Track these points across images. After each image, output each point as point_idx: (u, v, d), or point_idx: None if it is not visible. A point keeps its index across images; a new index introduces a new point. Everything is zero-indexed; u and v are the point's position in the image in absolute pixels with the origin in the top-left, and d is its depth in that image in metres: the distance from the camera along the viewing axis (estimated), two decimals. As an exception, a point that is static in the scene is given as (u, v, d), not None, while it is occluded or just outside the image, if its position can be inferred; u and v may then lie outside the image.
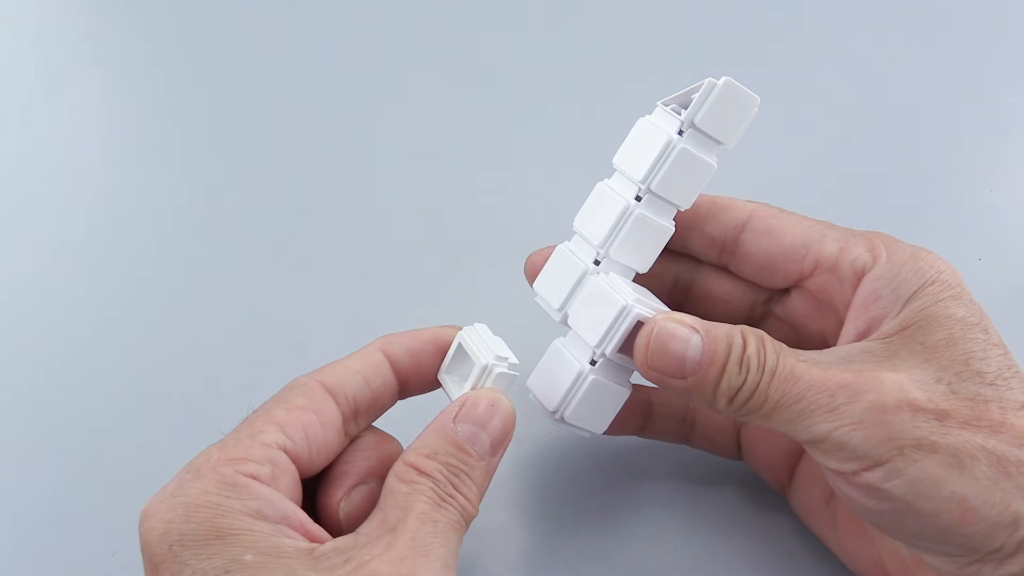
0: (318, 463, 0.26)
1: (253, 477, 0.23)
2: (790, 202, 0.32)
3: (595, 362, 0.28)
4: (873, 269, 0.27)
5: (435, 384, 0.29)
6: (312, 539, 0.23)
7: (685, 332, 0.26)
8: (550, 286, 0.29)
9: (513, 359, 0.28)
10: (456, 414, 0.26)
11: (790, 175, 0.46)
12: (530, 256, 0.31)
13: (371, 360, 0.27)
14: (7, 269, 0.41)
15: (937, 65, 0.53)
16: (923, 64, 0.53)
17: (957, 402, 0.24)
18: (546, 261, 0.30)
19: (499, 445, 0.26)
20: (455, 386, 0.28)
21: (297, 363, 0.36)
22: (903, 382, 0.24)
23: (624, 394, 0.29)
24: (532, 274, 0.31)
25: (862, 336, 0.27)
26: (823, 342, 0.30)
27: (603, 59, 0.53)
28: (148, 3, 0.58)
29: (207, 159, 0.47)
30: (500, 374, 0.27)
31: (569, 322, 0.29)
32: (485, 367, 0.27)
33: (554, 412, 0.28)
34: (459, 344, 0.28)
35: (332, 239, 0.43)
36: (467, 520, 0.25)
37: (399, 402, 0.29)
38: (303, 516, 0.24)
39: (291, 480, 0.24)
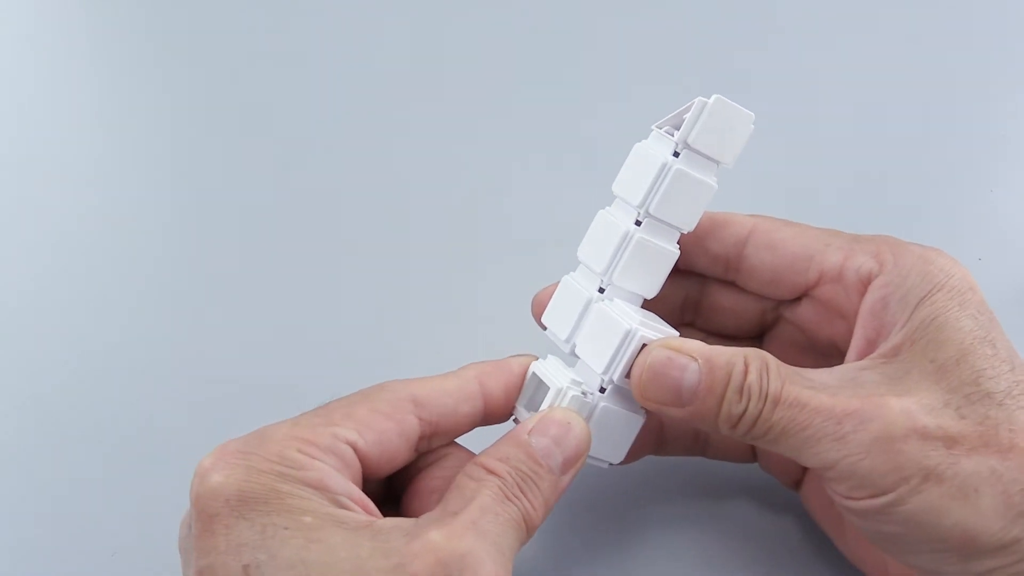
0: (382, 472, 0.26)
1: (314, 459, 0.24)
2: (791, 205, 0.32)
3: (604, 389, 0.28)
4: (880, 276, 0.27)
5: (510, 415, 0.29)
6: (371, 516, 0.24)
7: (682, 360, 0.26)
8: (557, 318, 0.29)
9: (586, 387, 0.28)
10: (531, 428, 0.26)
11: (789, 177, 0.46)
12: (536, 295, 0.31)
13: (466, 389, 0.27)
14: (7, 269, 0.41)
15: (937, 65, 0.52)
16: (923, 64, 0.52)
17: (966, 427, 0.24)
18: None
19: (570, 464, 0.26)
20: (527, 415, 0.28)
21: (296, 364, 0.37)
22: (911, 408, 0.24)
23: (638, 421, 0.28)
24: (539, 312, 0.30)
25: (872, 344, 0.27)
26: (834, 348, 0.30)
27: (607, 61, 0.53)
28: (149, 3, 0.58)
29: (208, 159, 0.47)
30: (575, 397, 0.27)
31: (577, 351, 0.28)
32: (560, 390, 0.27)
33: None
34: (533, 373, 0.29)
35: (333, 240, 0.43)
36: (529, 527, 0.25)
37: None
38: (365, 497, 0.24)
39: (354, 475, 0.24)
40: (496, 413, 0.28)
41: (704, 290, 0.32)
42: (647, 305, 0.29)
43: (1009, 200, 0.45)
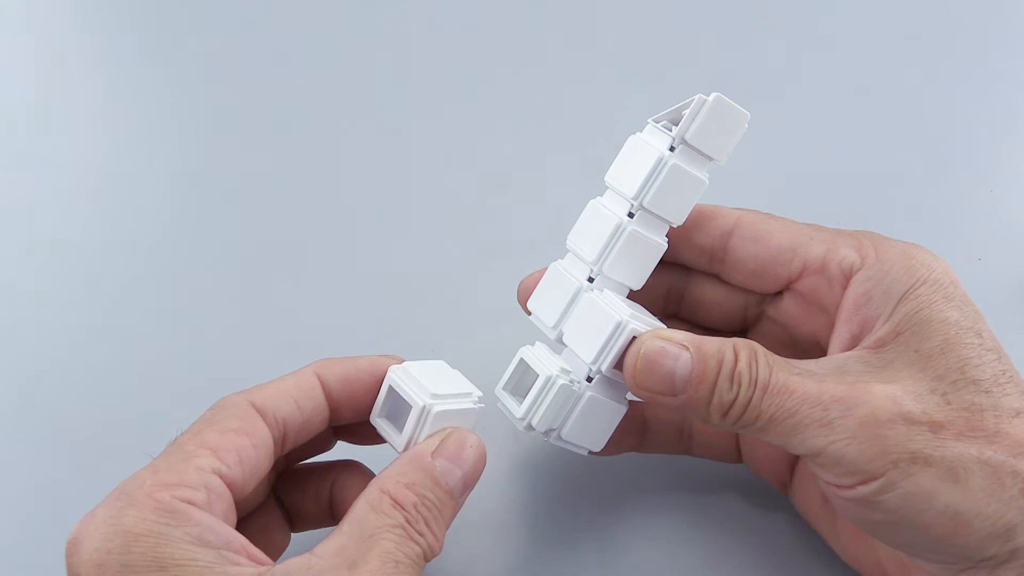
0: (250, 485, 0.25)
1: (189, 503, 0.22)
2: (789, 203, 0.32)
3: (591, 379, 0.28)
4: (862, 270, 0.28)
5: (366, 413, 0.28)
6: (259, 562, 0.23)
7: (674, 349, 0.26)
8: (544, 304, 0.30)
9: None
10: (434, 451, 0.26)
11: (790, 176, 0.46)
12: (522, 281, 0.31)
13: (304, 383, 0.27)
14: (7, 269, 0.42)
15: (937, 65, 0.53)
16: (923, 64, 0.53)
17: (952, 413, 0.24)
18: (538, 283, 0.30)
19: (470, 485, 0.26)
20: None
21: (296, 363, 0.37)
22: (897, 394, 0.24)
23: (621, 411, 0.29)
24: (525, 298, 0.31)
25: (855, 338, 0.27)
26: (815, 343, 0.30)
27: (609, 61, 0.53)
28: (150, 4, 0.59)
29: (209, 158, 0.48)
30: (563, 386, 0.27)
31: (564, 339, 0.29)
32: (549, 378, 0.27)
33: (550, 430, 0.29)
34: (521, 359, 0.29)
35: (332, 240, 0.43)
36: (429, 558, 0.24)
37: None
38: (244, 540, 0.23)
39: (226, 505, 0.24)
40: (341, 409, 0.28)
41: (688, 282, 0.32)
42: (632, 296, 0.30)
43: (1009, 200, 0.45)
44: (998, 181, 0.46)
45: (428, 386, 0.26)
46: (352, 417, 0.28)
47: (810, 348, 0.30)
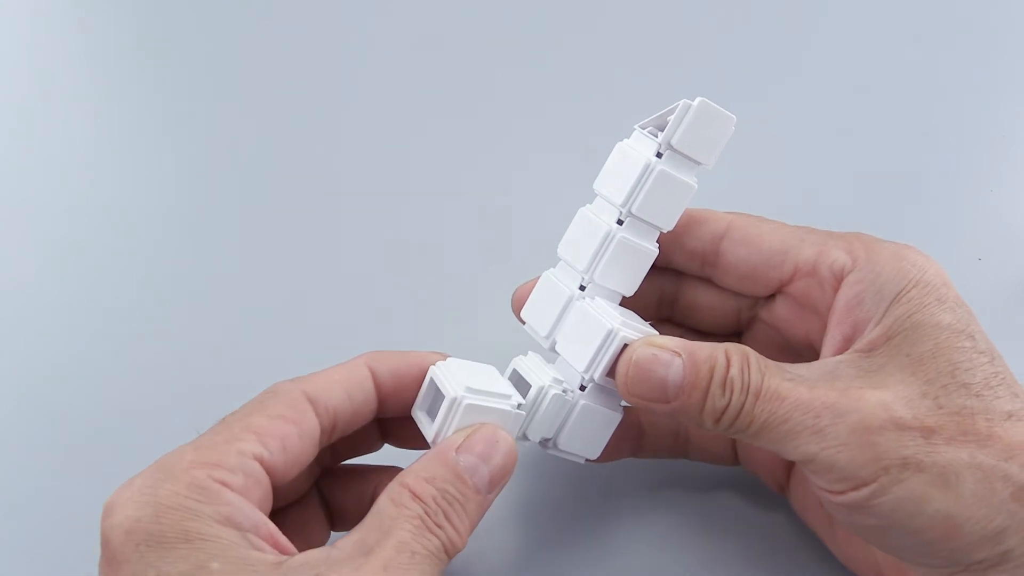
0: (292, 474, 0.25)
1: (223, 484, 0.23)
2: (788, 203, 0.32)
3: (584, 387, 0.28)
4: (853, 272, 0.27)
5: (411, 408, 0.28)
6: (282, 551, 0.23)
7: (666, 356, 0.26)
8: (537, 314, 0.30)
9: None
10: (459, 445, 0.25)
11: (789, 176, 0.46)
12: (516, 290, 0.31)
13: (356, 374, 0.27)
14: (6, 269, 0.42)
15: (937, 65, 0.52)
16: (923, 63, 0.52)
17: (943, 417, 0.24)
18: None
19: (497, 482, 0.26)
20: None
21: (296, 363, 0.37)
22: (888, 400, 0.24)
23: (616, 419, 0.29)
24: (519, 307, 0.31)
25: (848, 340, 0.27)
26: (808, 345, 0.30)
27: (610, 61, 0.53)
28: (145, 3, 0.59)
29: (202, 159, 0.48)
30: (556, 396, 0.27)
31: (557, 348, 0.29)
32: (541, 388, 0.27)
33: (546, 439, 0.29)
34: (514, 370, 0.29)
35: (330, 242, 0.43)
36: (451, 553, 0.24)
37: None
38: (273, 528, 0.23)
39: (263, 491, 0.24)
40: (389, 401, 0.28)
41: (680, 287, 0.32)
42: (625, 302, 0.30)
43: (1009, 200, 0.45)
44: (998, 181, 0.46)
45: (465, 380, 0.26)
46: (398, 411, 0.28)
47: (803, 351, 0.30)
